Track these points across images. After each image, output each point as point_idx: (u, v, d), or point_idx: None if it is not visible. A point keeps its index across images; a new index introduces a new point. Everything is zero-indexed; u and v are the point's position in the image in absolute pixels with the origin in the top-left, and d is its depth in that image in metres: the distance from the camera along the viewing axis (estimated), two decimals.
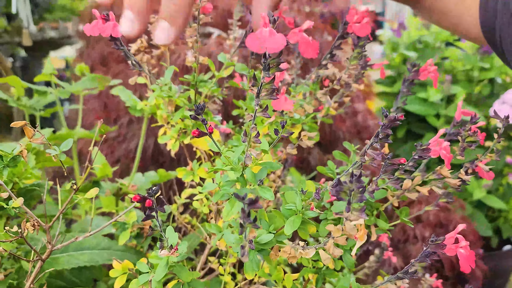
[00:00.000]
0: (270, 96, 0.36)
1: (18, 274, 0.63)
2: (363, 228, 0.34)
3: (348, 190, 0.32)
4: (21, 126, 0.42)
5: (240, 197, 0.30)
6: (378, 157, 0.34)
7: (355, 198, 0.32)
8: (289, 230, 0.42)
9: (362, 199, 0.32)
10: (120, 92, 0.77)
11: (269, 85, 0.36)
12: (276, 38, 0.32)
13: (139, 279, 0.48)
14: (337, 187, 0.32)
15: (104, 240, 0.67)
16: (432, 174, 0.50)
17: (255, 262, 0.41)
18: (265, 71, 0.35)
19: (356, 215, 0.33)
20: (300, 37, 0.35)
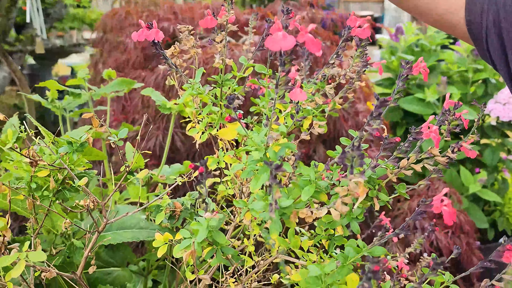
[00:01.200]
0: (286, 87, 0.46)
1: (70, 249, 0.73)
2: (362, 186, 0.43)
3: (351, 157, 0.42)
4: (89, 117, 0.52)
5: (268, 163, 0.40)
6: (373, 131, 0.44)
7: (356, 163, 0.42)
8: (305, 196, 0.51)
9: (361, 164, 0.42)
10: (150, 93, 0.87)
11: (285, 78, 0.46)
12: (288, 39, 0.43)
13: (182, 243, 0.57)
14: (342, 154, 0.42)
15: (142, 220, 0.77)
16: (424, 153, 0.60)
17: (278, 223, 0.51)
18: (281, 66, 0.45)
19: (358, 176, 0.43)
20: (306, 37, 0.46)
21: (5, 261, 0.50)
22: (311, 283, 0.51)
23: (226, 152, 0.76)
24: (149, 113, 1.51)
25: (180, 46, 0.70)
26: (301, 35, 0.44)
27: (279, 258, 0.70)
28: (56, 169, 0.58)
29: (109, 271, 0.89)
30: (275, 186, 0.43)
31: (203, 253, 0.62)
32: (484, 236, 2.02)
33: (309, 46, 0.42)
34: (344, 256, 0.54)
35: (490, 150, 1.91)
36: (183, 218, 0.79)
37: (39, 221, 0.69)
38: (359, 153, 0.41)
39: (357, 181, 0.42)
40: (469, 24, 0.67)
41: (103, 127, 0.53)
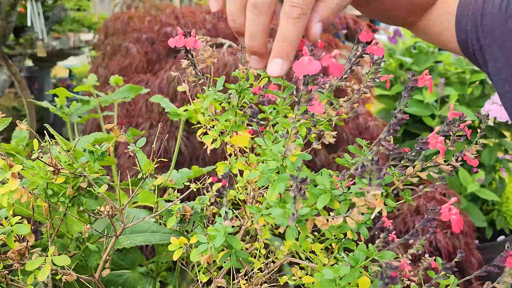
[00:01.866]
0: (307, 103, 0.49)
1: (84, 253, 0.75)
2: (379, 197, 0.46)
3: (370, 171, 0.44)
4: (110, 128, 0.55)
5: (294, 177, 0.42)
6: (389, 146, 0.47)
7: (375, 176, 0.45)
8: (320, 204, 0.54)
9: (379, 177, 0.45)
10: (159, 100, 0.90)
11: (307, 95, 0.49)
12: (314, 64, 0.45)
13: (200, 247, 0.60)
14: (362, 168, 0.45)
15: (154, 224, 0.79)
16: (430, 162, 0.63)
17: (295, 230, 0.54)
18: (304, 85, 0.48)
19: (375, 188, 0.45)
20: (329, 62, 0.48)
21: (33, 265, 0.52)
22: (326, 285, 0.53)
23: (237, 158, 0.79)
24: (153, 117, 1.53)
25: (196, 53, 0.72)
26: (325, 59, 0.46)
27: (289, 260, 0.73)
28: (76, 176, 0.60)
29: (120, 273, 0.91)
30: (299, 198, 0.45)
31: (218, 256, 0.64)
32: (483, 235, 2.05)
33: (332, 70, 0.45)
34: (354, 259, 0.57)
35: (488, 150, 1.95)
36: (193, 221, 0.82)
37: (55, 226, 0.72)
38: (378, 167, 0.44)
39: (375, 194, 0.44)
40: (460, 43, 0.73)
41: (122, 137, 0.55)
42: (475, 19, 0.69)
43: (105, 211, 0.60)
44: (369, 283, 0.55)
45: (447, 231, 1.66)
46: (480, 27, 0.69)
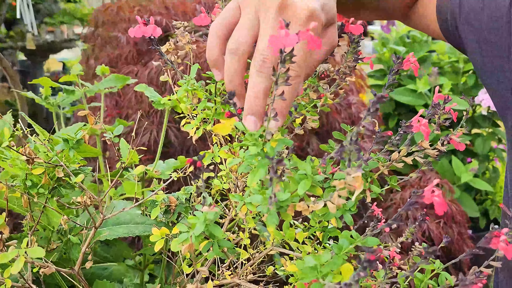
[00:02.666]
0: (286, 83, 0.47)
1: (66, 245, 0.74)
2: (359, 179, 0.44)
3: (348, 151, 0.43)
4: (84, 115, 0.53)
5: (269, 157, 0.41)
6: (370, 126, 0.45)
7: (354, 157, 0.43)
8: (301, 190, 0.52)
9: (359, 158, 0.43)
10: (144, 89, 0.88)
11: (285, 74, 0.47)
12: (290, 37, 0.43)
13: (180, 237, 0.58)
14: (340, 148, 0.43)
15: (138, 216, 0.78)
16: (415, 146, 0.61)
17: (275, 216, 0.52)
18: (282, 63, 0.46)
19: (355, 170, 0.44)
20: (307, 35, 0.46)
21: (5, 258, 0.50)
22: (307, 273, 0.52)
23: (220, 147, 0.77)
24: (142, 108, 1.52)
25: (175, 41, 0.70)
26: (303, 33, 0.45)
27: (274, 250, 0.72)
28: (52, 167, 0.59)
29: (105, 266, 0.90)
30: (276, 180, 0.44)
31: (200, 246, 0.63)
32: (476, 225, 2.05)
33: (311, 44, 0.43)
34: (338, 246, 0.55)
35: (481, 139, 1.93)
36: (178, 212, 0.80)
37: (35, 218, 0.70)
38: (357, 148, 0.42)
39: (355, 175, 0.43)
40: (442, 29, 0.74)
41: (98, 124, 0.53)
42: (453, 8, 0.69)
43: (82, 202, 0.59)
44: (352, 270, 0.53)
45: (440, 220, 1.65)
46: (458, 16, 0.68)
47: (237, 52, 0.52)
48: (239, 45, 0.52)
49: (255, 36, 0.53)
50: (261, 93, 0.52)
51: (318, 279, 0.51)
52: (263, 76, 0.51)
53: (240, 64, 0.53)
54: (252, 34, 0.53)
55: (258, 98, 0.53)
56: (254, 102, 0.53)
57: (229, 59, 0.52)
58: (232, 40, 0.53)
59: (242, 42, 0.52)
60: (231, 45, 0.53)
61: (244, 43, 0.52)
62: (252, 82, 0.51)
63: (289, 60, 0.47)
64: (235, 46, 0.52)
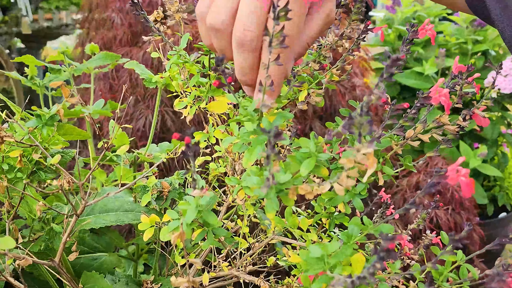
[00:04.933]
0: (281, 45, 0.41)
1: (49, 235, 0.68)
2: (371, 157, 0.38)
3: (358, 124, 0.36)
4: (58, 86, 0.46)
5: (265, 130, 0.34)
6: (382, 94, 0.38)
7: (365, 130, 0.37)
8: (304, 170, 0.46)
9: (371, 131, 0.37)
10: (133, 65, 0.81)
11: (280, 34, 0.41)
12: None
13: (170, 225, 0.52)
14: (348, 120, 0.37)
15: (127, 202, 0.72)
16: (432, 122, 0.55)
17: (275, 201, 0.46)
18: (276, 20, 0.39)
19: (366, 146, 0.37)
20: None
21: None
22: (313, 264, 0.46)
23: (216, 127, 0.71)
24: (138, 92, 1.45)
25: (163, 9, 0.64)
26: None
27: (276, 239, 0.65)
28: (26, 147, 0.52)
29: (95, 257, 0.84)
30: (273, 156, 0.37)
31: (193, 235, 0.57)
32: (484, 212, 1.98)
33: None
34: (347, 234, 0.49)
35: (491, 123, 1.86)
36: (171, 199, 0.74)
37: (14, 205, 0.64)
38: (368, 120, 0.36)
39: (366, 152, 0.37)
40: None
41: (74, 97, 0.47)
42: None
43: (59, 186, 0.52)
44: (363, 261, 0.47)
45: (448, 207, 1.59)
46: None
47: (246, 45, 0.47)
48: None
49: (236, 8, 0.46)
50: (247, 69, 0.47)
51: (325, 271, 0.44)
52: (246, 52, 0.46)
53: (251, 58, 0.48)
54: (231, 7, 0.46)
55: (245, 75, 0.48)
56: (243, 79, 0.49)
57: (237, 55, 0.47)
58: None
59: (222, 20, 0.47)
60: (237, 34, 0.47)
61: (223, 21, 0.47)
62: (236, 61, 0.47)
63: (284, 17, 0.40)
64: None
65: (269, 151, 0.37)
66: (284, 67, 0.46)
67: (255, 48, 0.45)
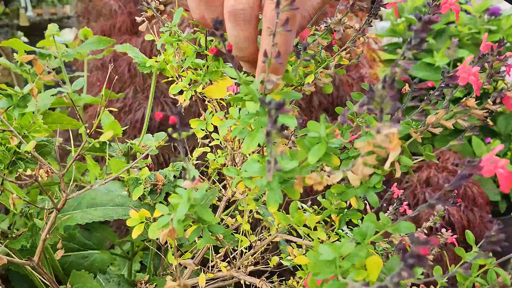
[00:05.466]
0: (291, 7, 0.34)
1: (31, 231, 0.62)
2: (396, 138, 0.32)
3: (381, 97, 0.30)
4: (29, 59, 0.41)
5: (265, 101, 0.28)
6: (410, 66, 0.32)
7: (388, 107, 0.31)
8: (313, 158, 0.40)
9: (395, 107, 0.30)
10: (127, 49, 0.75)
11: None
12: None
13: (159, 221, 0.46)
14: (370, 94, 0.31)
15: (117, 197, 0.66)
16: (457, 106, 0.49)
17: (278, 193, 0.40)
18: None
19: (389, 125, 0.31)
20: None
21: None
22: (323, 268, 0.40)
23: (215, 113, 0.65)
24: (137, 82, 1.39)
25: None
26: None
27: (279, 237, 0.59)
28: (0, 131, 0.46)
29: (85, 254, 0.78)
30: (276, 136, 0.31)
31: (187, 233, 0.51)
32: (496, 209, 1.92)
33: None
34: (361, 233, 0.43)
35: (504, 117, 1.79)
36: (166, 192, 0.68)
37: None
38: (392, 94, 0.30)
39: (389, 133, 0.30)
40: None
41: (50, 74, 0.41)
42: None
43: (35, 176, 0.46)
44: (380, 264, 0.41)
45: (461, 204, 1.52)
46: None
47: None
48: None
49: None
50: (243, 43, 0.42)
51: (337, 275, 0.38)
52: (240, 22, 0.41)
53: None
54: None
55: (242, 49, 0.43)
56: (240, 55, 0.43)
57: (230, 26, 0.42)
58: None
59: None
60: None
61: None
62: (230, 34, 0.42)
63: None
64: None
65: (271, 127, 0.30)
66: (290, 36, 0.40)
67: (249, 17, 0.40)
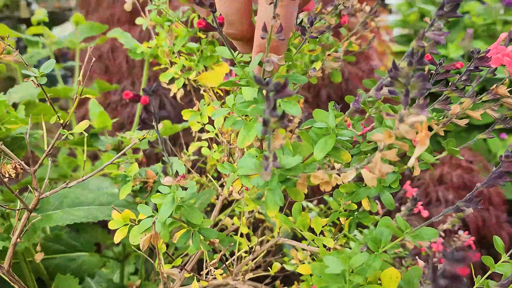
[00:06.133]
0: None
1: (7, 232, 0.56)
2: (424, 128, 0.25)
3: (406, 76, 0.24)
4: None
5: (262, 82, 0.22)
6: (442, 39, 0.26)
7: (416, 88, 0.24)
8: (320, 154, 0.34)
9: (424, 88, 0.24)
10: (118, 34, 0.69)
11: None
12: None
13: (141, 224, 0.40)
14: (392, 72, 0.24)
15: (103, 195, 0.60)
16: (486, 94, 0.42)
17: (278, 193, 0.34)
18: None
19: (417, 111, 0.25)
20: None
21: None
22: (330, 282, 0.33)
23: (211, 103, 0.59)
24: (135, 73, 1.33)
25: None
26: None
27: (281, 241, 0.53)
28: None
29: (73, 257, 0.72)
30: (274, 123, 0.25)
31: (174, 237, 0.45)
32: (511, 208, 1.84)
33: None
34: (375, 239, 0.36)
35: None
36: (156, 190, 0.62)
37: None
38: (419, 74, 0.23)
39: (416, 120, 0.24)
40: None
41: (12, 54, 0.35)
42: None
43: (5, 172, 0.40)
44: (398, 278, 0.35)
45: None
46: None
47: None
48: None
49: None
50: (234, 16, 0.36)
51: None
52: None
53: None
54: None
55: (232, 24, 0.36)
56: (231, 31, 0.37)
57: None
58: None
59: None
60: None
61: None
62: (219, 6, 0.36)
63: None
64: None
65: (269, 113, 0.24)
66: (293, 7, 0.33)
67: None
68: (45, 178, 0.81)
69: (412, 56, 0.24)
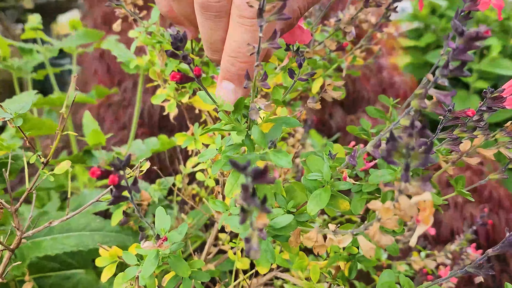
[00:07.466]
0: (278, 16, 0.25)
1: None
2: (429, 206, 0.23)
3: (406, 148, 0.21)
4: None
5: (239, 165, 0.19)
6: (446, 99, 0.23)
7: (416, 161, 0.21)
8: (314, 208, 0.31)
9: (426, 162, 0.21)
10: (111, 45, 0.66)
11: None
12: None
13: (126, 273, 0.38)
14: (390, 143, 0.21)
15: (94, 220, 0.57)
16: (500, 132, 0.39)
17: (269, 252, 0.31)
18: None
19: (417, 186, 0.22)
20: None
21: None
22: None
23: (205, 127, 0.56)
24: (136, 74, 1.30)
25: None
26: None
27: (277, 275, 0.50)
28: None
29: (68, 275, 0.70)
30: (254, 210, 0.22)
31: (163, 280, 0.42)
32: None
33: None
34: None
35: None
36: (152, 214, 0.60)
37: None
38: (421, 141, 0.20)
39: (421, 199, 0.21)
40: None
41: None
42: None
43: None
44: None
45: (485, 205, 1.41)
46: None
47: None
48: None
49: None
50: (218, 43, 0.35)
51: None
52: (212, 17, 0.33)
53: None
54: None
55: (216, 51, 0.36)
56: (215, 58, 0.36)
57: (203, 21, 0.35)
58: None
59: None
60: None
61: None
62: (202, 32, 0.35)
63: None
64: None
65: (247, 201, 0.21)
66: (269, 28, 0.31)
67: (224, 10, 0.33)
68: (43, 188, 0.78)
69: (412, 127, 0.21)
